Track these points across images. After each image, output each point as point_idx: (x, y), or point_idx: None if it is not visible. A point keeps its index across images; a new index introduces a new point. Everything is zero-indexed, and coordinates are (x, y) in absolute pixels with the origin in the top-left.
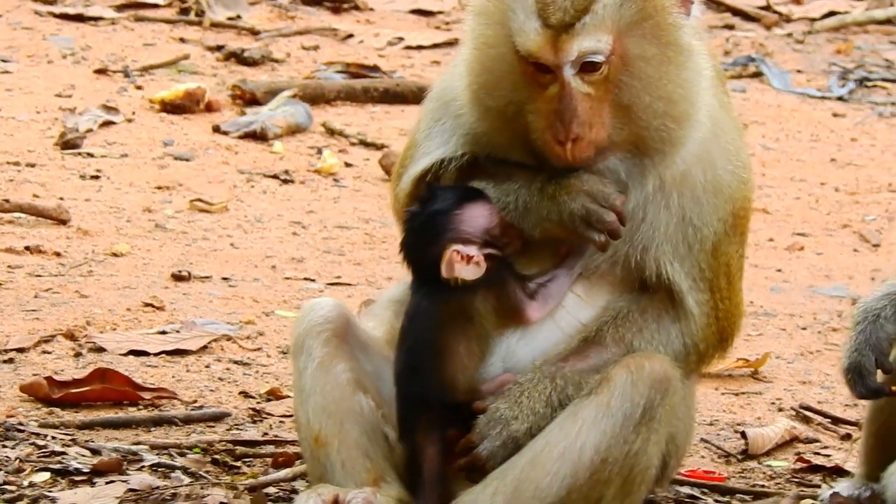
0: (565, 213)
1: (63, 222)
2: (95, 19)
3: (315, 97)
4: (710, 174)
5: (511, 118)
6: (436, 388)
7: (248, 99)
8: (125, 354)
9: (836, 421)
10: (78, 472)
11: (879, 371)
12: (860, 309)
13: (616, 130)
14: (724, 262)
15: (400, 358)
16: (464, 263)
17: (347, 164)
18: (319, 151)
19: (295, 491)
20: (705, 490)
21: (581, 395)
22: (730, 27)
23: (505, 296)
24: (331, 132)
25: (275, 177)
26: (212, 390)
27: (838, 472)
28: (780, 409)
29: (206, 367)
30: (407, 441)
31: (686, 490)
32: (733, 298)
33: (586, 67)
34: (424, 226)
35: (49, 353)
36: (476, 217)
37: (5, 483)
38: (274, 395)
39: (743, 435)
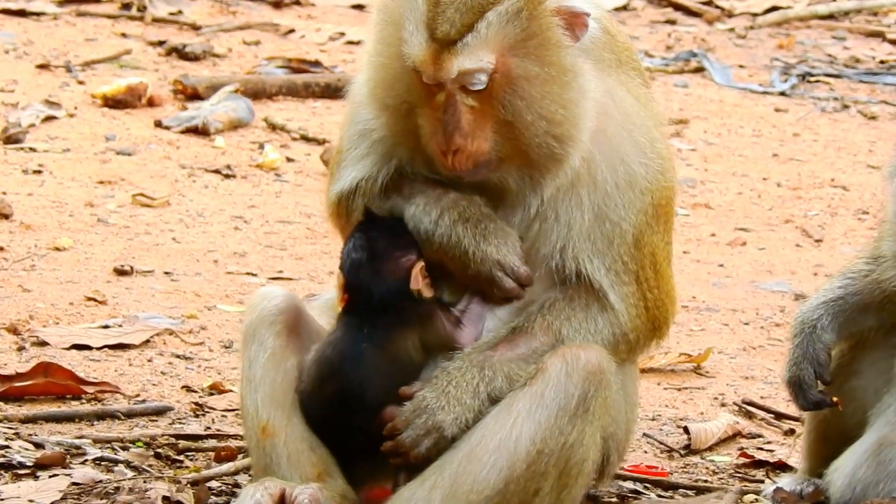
0: (472, 270)
1: (5, 217)
2: (38, 14)
3: (257, 92)
4: (622, 169)
5: (404, 117)
6: (367, 423)
7: (189, 94)
8: (68, 348)
9: (779, 416)
10: (21, 465)
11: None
12: (797, 320)
13: (499, 145)
14: (649, 252)
15: (327, 394)
16: (425, 281)
17: (289, 159)
18: (261, 146)
19: (237, 485)
20: (648, 485)
21: (516, 387)
22: (672, 22)
23: (433, 328)
24: (272, 127)
25: (217, 171)
26: (154, 384)
27: (781, 467)
28: (723, 405)
29: (149, 361)
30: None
31: (629, 485)
32: (662, 287)
33: (469, 82)
34: (388, 241)
35: None
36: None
37: None
38: (216, 389)
39: (686, 430)
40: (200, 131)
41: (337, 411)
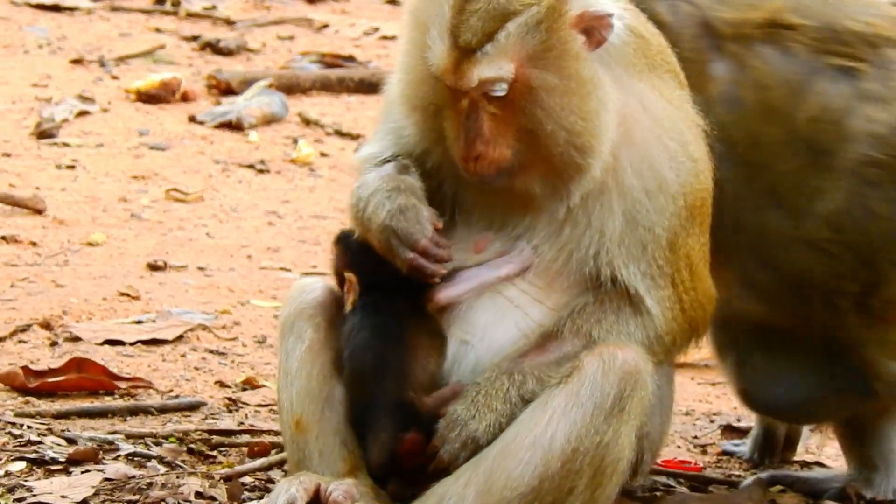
0: (373, 239)
1: (39, 212)
2: (71, 9)
3: (290, 87)
4: (650, 174)
5: (432, 118)
6: (400, 384)
7: (223, 89)
8: (101, 344)
9: None
10: (54, 461)
11: None
12: None
13: (521, 153)
14: (684, 254)
15: (362, 355)
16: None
17: (323, 154)
18: (295, 141)
19: (271, 480)
20: (681, 480)
21: (552, 384)
22: None
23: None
24: (306, 122)
25: (250, 167)
26: (187, 380)
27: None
28: None
29: (182, 356)
30: (363, 438)
31: (662, 479)
32: (699, 287)
33: (489, 91)
34: None
35: (25, 342)
36: None
37: None
38: (250, 384)
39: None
40: (234, 126)
41: (372, 364)
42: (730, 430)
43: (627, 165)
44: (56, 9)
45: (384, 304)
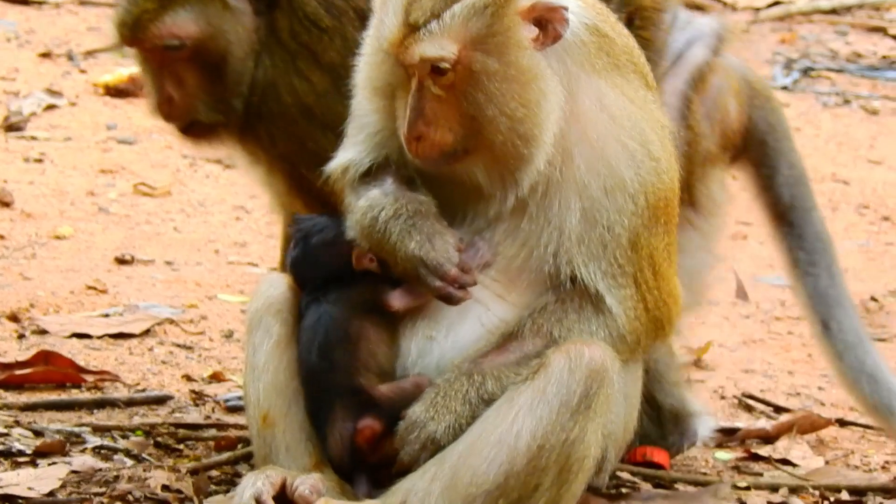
0: (399, 267)
1: (6, 205)
2: (39, 3)
3: None
4: (607, 172)
5: (388, 100)
6: (349, 373)
7: None
8: (68, 337)
9: (779, 409)
10: (20, 453)
11: None
12: None
13: (464, 138)
14: (647, 254)
15: (309, 350)
16: (367, 260)
17: None
18: None
19: (237, 474)
20: (646, 477)
21: (518, 381)
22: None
23: (373, 287)
24: None
25: (218, 161)
26: (154, 373)
27: (782, 461)
28: (723, 397)
29: (149, 350)
30: (323, 433)
31: (627, 476)
32: (663, 287)
33: (435, 70)
34: (326, 235)
35: None
36: None
37: None
38: (216, 378)
39: None
40: None
41: (321, 355)
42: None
43: (581, 163)
44: (24, 2)
45: (326, 298)
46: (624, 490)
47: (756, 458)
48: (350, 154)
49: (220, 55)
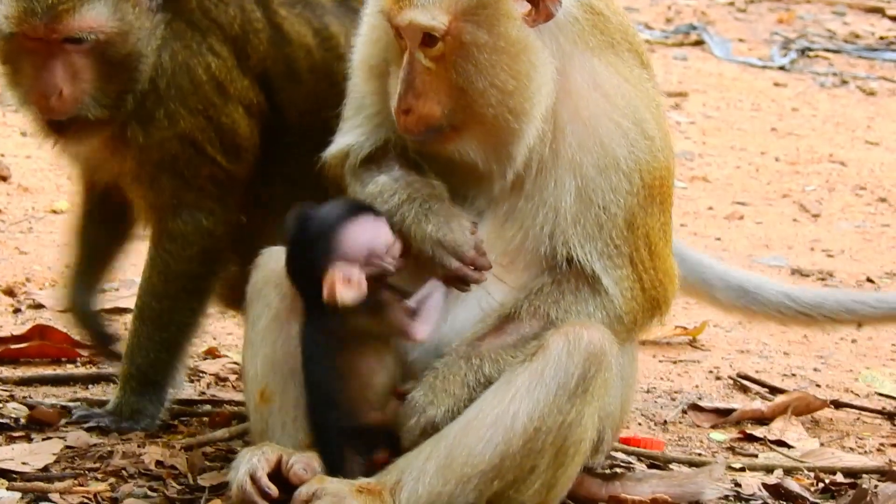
0: (415, 250)
1: (3, 179)
2: None
3: None
4: (600, 151)
5: (383, 77)
6: (347, 415)
7: None
8: (64, 311)
9: (774, 391)
10: (15, 427)
11: None
12: None
13: (453, 112)
14: (643, 234)
15: (307, 391)
16: (345, 285)
17: None
18: None
19: (232, 451)
20: (641, 458)
21: (516, 363)
22: None
23: (387, 317)
24: None
25: None
26: None
27: (777, 442)
28: (718, 378)
29: None
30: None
31: (622, 457)
32: (659, 267)
33: (425, 41)
34: (305, 246)
35: None
36: (360, 234)
37: None
38: (211, 354)
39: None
40: None
41: (319, 399)
42: (694, 409)
43: (574, 141)
44: None
45: (317, 330)
46: (619, 470)
47: (751, 439)
48: (348, 138)
49: (126, 51)
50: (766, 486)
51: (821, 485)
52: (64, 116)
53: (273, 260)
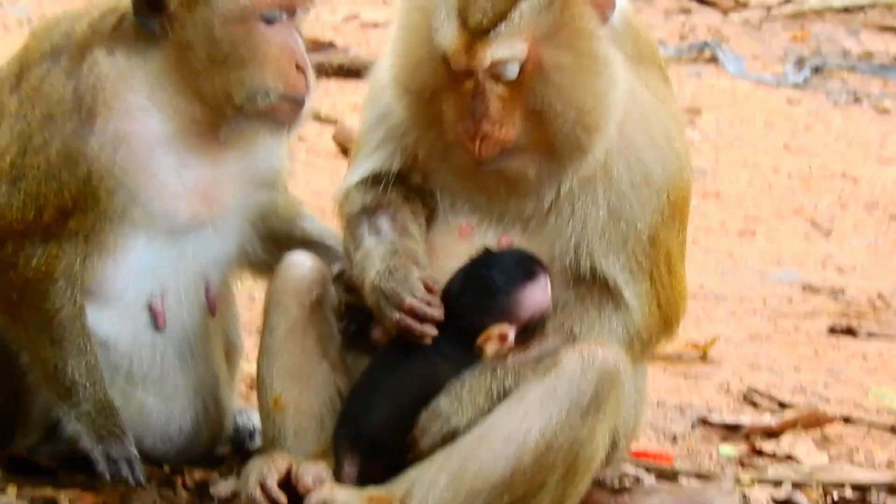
0: (367, 301)
1: None
2: None
3: None
4: (638, 167)
5: (426, 103)
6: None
7: None
8: None
9: (784, 405)
10: None
11: None
12: None
13: (526, 133)
14: (664, 250)
15: (355, 402)
16: (499, 343)
17: (300, 139)
18: None
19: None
20: (650, 471)
21: (530, 378)
22: (686, 11)
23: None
24: None
25: None
26: None
27: (786, 457)
28: (728, 392)
29: None
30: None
31: (631, 470)
32: (675, 286)
33: (502, 72)
34: (481, 293)
35: None
36: (533, 299)
37: None
38: None
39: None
40: None
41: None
42: (704, 423)
43: (616, 156)
44: None
45: (445, 351)
46: (628, 483)
47: (760, 453)
48: (362, 170)
49: None
50: (774, 500)
51: (829, 499)
52: None
53: (292, 268)
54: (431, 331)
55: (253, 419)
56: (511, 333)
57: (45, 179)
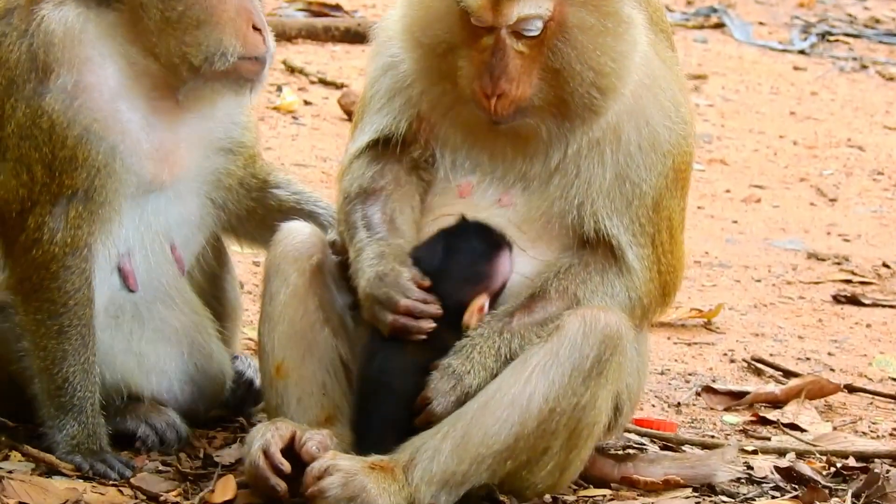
0: (363, 308)
1: None
2: None
3: (276, 34)
4: (646, 131)
5: (440, 56)
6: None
7: None
8: None
9: (788, 374)
10: None
11: None
12: None
13: (541, 92)
14: (666, 216)
15: (366, 386)
16: (480, 314)
17: (307, 103)
18: (279, 89)
19: (244, 428)
20: (654, 439)
21: (534, 343)
22: None
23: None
24: (291, 70)
25: None
26: None
27: (789, 426)
28: (732, 361)
29: None
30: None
31: (634, 438)
32: (675, 252)
33: (525, 28)
34: (459, 267)
35: None
36: (504, 267)
37: None
38: None
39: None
40: None
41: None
42: (708, 392)
43: (626, 119)
44: None
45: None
46: (631, 451)
47: (764, 422)
48: (365, 136)
49: None
50: (778, 469)
51: (833, 469)
52: None
53: (291, 235)
54: (429, 325)
55: (254, 364)
56: (487, 305)
57: (21, 140)
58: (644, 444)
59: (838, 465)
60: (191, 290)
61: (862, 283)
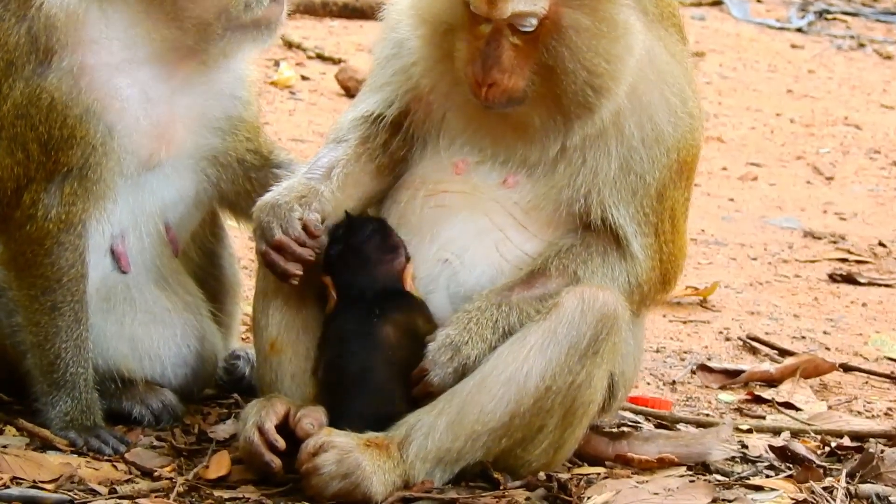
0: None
1: None
2: None
3: None
4: (649, 126)
5: (441, 35)
6: (383, 399)
7: None
8: None
9: (783, 353)
10: None
11: None
12: None
13: (534, 85)
14: (670, 206)
15: (342, 367)
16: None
17: (304, 78)
18: (276, 64)
19: (239, 404)
20: (649, 417)
21: (532, 319)
22: None
23: (420, 316)
24: (288, 45)
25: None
26: None
27: (784, 405)
28: (728, 339)
29: None
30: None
31: (629, 416)
32: (677, 241)
33: (520, 24)
34: (382, 242)
35: None
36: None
37: None
38: None
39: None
40: None
41: (349, 393)
42: (703, 370)
43: (629, 114)
44: None
45: (384, 315)
46: (626, 429)
47: (759, 400)
48: (365, 105)
49: None
50: (772, 447)
51: (827, 448)
52: None
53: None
54: (296, 270)
55: (250, 354)
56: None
57: (17, 119)
58: (639, 423)
59: (833, 444)
60: (184, 272)
61: (858, 261)
